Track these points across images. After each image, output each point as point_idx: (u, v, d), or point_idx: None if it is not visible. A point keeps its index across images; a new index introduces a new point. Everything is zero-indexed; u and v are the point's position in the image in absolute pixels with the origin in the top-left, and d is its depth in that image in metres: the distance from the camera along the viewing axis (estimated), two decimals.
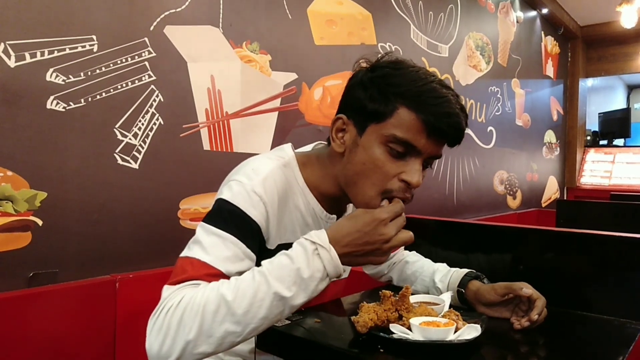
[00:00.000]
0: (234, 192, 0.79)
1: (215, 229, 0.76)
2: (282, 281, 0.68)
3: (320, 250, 0.69)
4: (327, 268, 0.69)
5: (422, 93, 0.74)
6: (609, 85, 7.73)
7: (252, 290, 0.67)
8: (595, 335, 0.93)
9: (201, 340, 0.66)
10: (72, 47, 1.37)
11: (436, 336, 0.74)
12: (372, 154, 0.76)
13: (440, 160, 3.17)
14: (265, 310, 0.67)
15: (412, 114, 0.74)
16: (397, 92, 0.75)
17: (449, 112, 0.75)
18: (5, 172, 1.24)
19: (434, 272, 1.07)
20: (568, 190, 5.62)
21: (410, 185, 0.77)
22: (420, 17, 2.93)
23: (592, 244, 1.10)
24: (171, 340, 0.66)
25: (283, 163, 0.86)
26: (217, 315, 0.66)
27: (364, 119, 0.78)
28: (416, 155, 0.77)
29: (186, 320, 0.66)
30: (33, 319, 1.21)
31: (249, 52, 1.88)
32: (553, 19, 4.91)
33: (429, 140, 0.76)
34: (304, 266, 0.68)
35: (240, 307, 0.66)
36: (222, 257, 0.74)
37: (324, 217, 0.90)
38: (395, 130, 0.75)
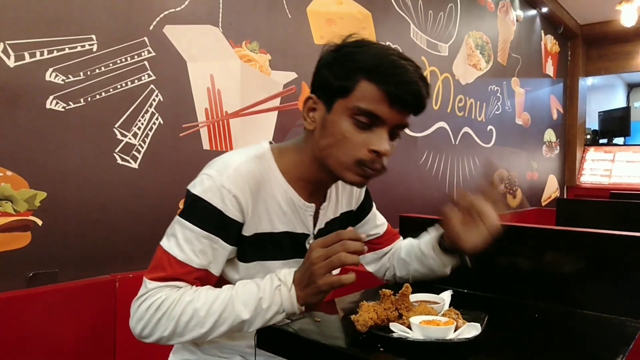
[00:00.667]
0: (205, 187, 0.83)
1: (189, 224, 0.82)
2: (245, 305, 0.79)
3: (282, 288, 0.79)
4: (284, 304, 0.79)
5: (380, 65, 0.79)
6: (608, 83, 7.72)
7: (220, 310, 0.79)
8: (595, 333, 0.93)
9: (173, 338, 0.80)
10: (72, 46, 1.37)
11: (436, 335, 0.74)
12: (340, 127, 0.82)
13: (440, 158, 3.17)
14: (226, 327, 0.79)
15: (373, 85, 0.79)
16: (358, 66, 0.80)
17: (407, 80, 0.79)
18: (5, 172, 1.24)
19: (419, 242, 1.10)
20: (568, 189, 5.63)
21: (379, 154, 0.82)
22: (420, 16, 2.93)
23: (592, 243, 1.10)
24: (149, 331, 0.80)
25: (257, 155, 0.89)
26: (189, 324, 0.78)
27: (331, 96, 0.83)
28: (381, 125, 0.82)
29: (163, 322, 0.78)
30: (33, 318, 1.21)
31: (248, 51, 1.88)
32: (553, 17, 4.91)
33: (391, 109, 0.80)
34: (266, 297, 0.79)
35: (207, 323, 0.78)
36: (196, 251, 0.82)
37: (302, 205, 0.93)
38: (358, 103, 0.80)
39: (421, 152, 3.00)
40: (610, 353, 0.78)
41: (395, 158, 2.75)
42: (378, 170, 0.84)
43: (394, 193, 2.77)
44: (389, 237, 1.20)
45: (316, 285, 0.76)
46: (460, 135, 3.42)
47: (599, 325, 0.95)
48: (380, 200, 2.56)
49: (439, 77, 3.13)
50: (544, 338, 0.85)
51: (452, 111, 3.29)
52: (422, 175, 3.02)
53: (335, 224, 1.04)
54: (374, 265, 1.19)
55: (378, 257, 1.18)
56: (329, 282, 0.76)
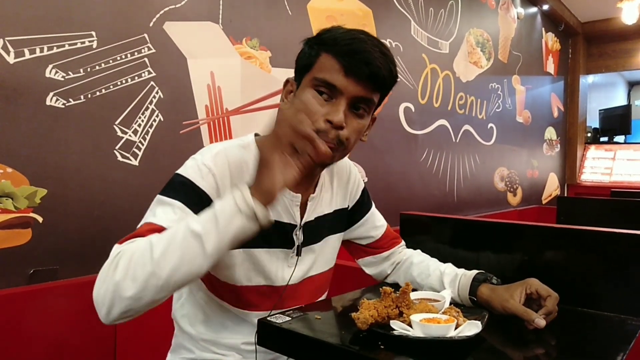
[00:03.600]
0: (186, 167, 0.86)
1: (166, 197, 0.82)
2: (198, 220, 0.72)
3: (235, 191, 0.73)
4: (237, 203, 0.71)
5: (338, 38, 0.83)
6: (609, 81, 7.71)
7: (171, 232, 0.72)
8: (596, 331, 0.92)
9: (127, 282, 0.69)
10: (72, 43, 1.36)
11: (437, 333, 0.74)
12: (302, 97, 0.84)
13: (441, 156, 3.17)
14: (178, 250, 0.69)
15: (330, 56, 0.83)
16: (320, 42, 0.85)
17: (362, 50, 0.81)
18: (5, 169, 1.24)
19: (441, 275, 1.04)
20: (568, 187, 5.62)
21: (333, 124, 0.81)
22: (421, 13, 2.92)
23: (593, 241, 1.09)
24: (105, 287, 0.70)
25: (241, 145, 0.92)
26: (142, 258, 0.69)
27: (300, 74, 0.88)
28: (339, 96, 0.83)
29: (119, 268, 0.70)
30: (33, 316, 1.21)
31: (249, 48, 1.87)
32: (554, 15, 4.89)
33: (347, 79, 0.82)
34: (217, 204, 0.73)
35: (159, 248, 0.70)
36: (169, 219, 0.79)
37: (287, 195, 0.93)
38: (317, 73, 0.84)
39: (422, 150, 3.00)
40: (611, 351, 0.78)
41: (396, 156, 2.76)
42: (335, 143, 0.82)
43: (394, 191, 2.77)
44: (389, 241, 1.17)
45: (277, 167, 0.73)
46: (461, 133, 3.42)
47: (600, 324, 0.95)
48: (381, 198, 2.58)
49: (440, 75, 3.12)
50: (544, 336, 0.85)
51: (452, 109, 3.29)
52: (422, 173, 3.02)
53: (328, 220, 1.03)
54: (373, 268, 1.17)
55: (377, 262, 1.16)
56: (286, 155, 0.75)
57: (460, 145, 3.40)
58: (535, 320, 0.84)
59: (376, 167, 2.60)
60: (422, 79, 2.94)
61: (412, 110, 2.87)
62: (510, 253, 1.20)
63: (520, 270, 1.16)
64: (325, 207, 1.02)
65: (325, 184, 1.03)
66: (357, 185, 1.12)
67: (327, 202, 1.03)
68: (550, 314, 0.87)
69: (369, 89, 0.84)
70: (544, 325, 0.84)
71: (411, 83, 2.83)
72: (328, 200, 1.03)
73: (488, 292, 0.94)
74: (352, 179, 1.10)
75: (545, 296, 0.89)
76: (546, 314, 0.86)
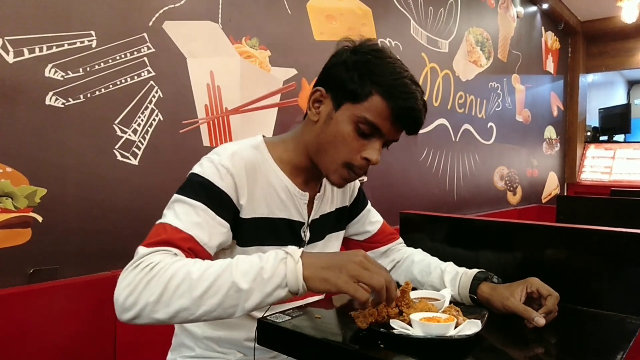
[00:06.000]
0: (203, 167, 0.87)
1: (187, 198, 0.83)
2: (244, 274, 0.71)
3: (289, 260, 0.73)
4: (288, 276, 0.71)
5: (395, 86, 0.85)
6: (609, 80, 7.71)
7: (215, 274, 0.71)
8: (595, 330, 0.93)
9: (159, 306, 0.70)
10: (71, 42, 1.36)
11: (437, 332, 0.74)
12: (343, 129, 0.87)
13: (440, 155, 3.17)
14: (219, 297, 0.70)
15: (384, 102, 0.85)
16: (374, 80, 0.86)
17: (414, 107, 0.86)
18: (5, 169, 1.24)
19: (442, 273, 1.05)
20: (568, 186, 5.62)
21: (369, 162, 0.89)
22: (420, 12, 2.92)
23: (592, 240, 1.10)
24: (135, 297, 0.71)
25: (252, 145, 0.94)
26: (179, 289, 0.70)
27: (342, 96, 0.88)
28: (379, 137, 0.88)
29: (152, 285, 0.71)
30: (33, 315, 1.21)
31: (248, 47, 1.87)
32: (553, 14, 4.89)
33: (392, 127, 0.88)
34: (268, 267, 0.72)
35: (199, 288, 0.70)
36: (193, 222, 0.81)
37: (297, 193, 0.96)
38: (366, 113, 0.86)
39: (421, 149, 3.00)
40: (611, 350, 0.78)
41: (396, 155, 2.76)
42: (360, 175, 0.91)
43: (394, 190, 2.77)
44: (386, 236, 1.19)
45: (339, 274, 0.71)
46: (461, 132, 3.42)
47: (599, 322, 0.95)
48: (381, 197, 2.58)
49: (439, 74, 3.12)
50: (544, 334, 0.85)
51: (452, 108, 3.29)
52: (422, 172, 3.02)
53: (331, 218, 1.06)
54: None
55: (376, 257, 1.18)
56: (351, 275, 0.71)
57: (460, 144, 3.40)
58: (535, 318, 0.84)
59: (376, 166, 2.59)
60: (422, 78, 2.94)
61: None
62: (510, 252, 1.20)
63: (519, 269, 1.17)
64: (328, 206, 1.05)
65: (327, 184, 1.05)
66: (354, 184, 1.15)
67: (329, 201, 1.06)
68: (550, 313, 0.87)
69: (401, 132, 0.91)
70: (543, 323, 0.84)
71: None
72: (330, 198, 1.06)
73: (489, 291, 0.95)
74: None
75: (546, 295, 0.89)
76: (546, 313, 0.86)
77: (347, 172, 0.90)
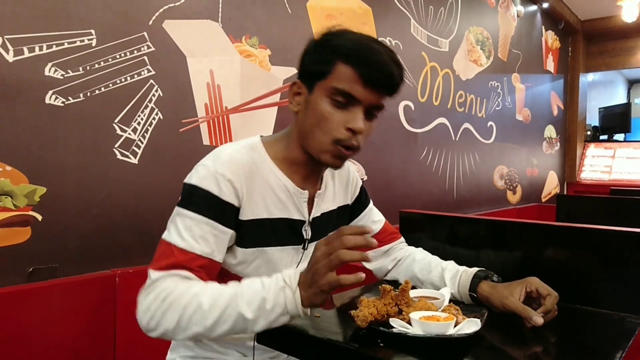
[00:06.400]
0: (200, 176, 0.86)
1: (188, 212, 0.84)
2: (249, 305, 0.77)
3: (287, 290, 0.76)
4: (288, 306, 0.76)
5: (356, 49, 0.85)
6: (609, 80, 7.71)
7: (224, 305, 0.77)
8: (595, 329, 0.93)
9: (177, 331, 0.79)
10: (71, 41, 1.36)
11: (436, 330, 0.74)
12: (320, 107, 0.87)
13: (440, 154, 3.17)
14: (229, 325, 0.77)
15: (348, 67, 0.85)
16: (335, 51, 0.86)
17: (379, 61, 0.85)
18: (4, 167, 1.24)
19: (442, 271, 1.06)
20: (568, 185, 5.62)
21: (354, 132, 0.86)
22: (421, 11, 2.92)
23: (592, 239, 1.10)
24: (155, 323, 0.79)
25: (248, 145, 0.94)
26: (193, 318, 0.77)
27: (312, 79, 0.89)
28: (357, 105, 0.86)
29: (169, 315, 0.78)
30: (33, 314, 1.21)
31: (248, 46, 1.87)
32: (553, 13, 4.89)
33: (365, 90, 0.85)
34: (270, 298, 0.76)
35: (210, 318, 0.77)
36: (196, 238, 0.83)
37: (296, 192, 0.95)
38: (335, 83, 0.85)
39: (421, 148, 3.00)
40: (610, 349, 0.78)
41: (396, 154, 2.76)
42: (353, 148, 0.88)
43: (394, 189, 2.77)
44: (388, 235, 1.19)
45: (318, 284, 0.74)
46: (461, 131, 3.42)
47: (599, 321, 0.95)
48: (381, 196, 2.58)
49: (440, 73, 3.12)
50: (543, 334, 0.85)
51: (452, 107, 3.28)
52: (422, 171, 3.02)
53: (333, 216, 1.05)
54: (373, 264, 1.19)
55: (377, 256, 1.17)
56: (327, 282, 0.73)
57: (459, 143, 3.40)
58: (533, 318, 0.84)
59: (376, 165, 2.60)
60: (422, 77, 2.94)
61: (412, 109, 2.87)
62: (510, 251, 1.20)
63: (519, 268, 1.17)
64: (330, 204, 1.05)
65: (328, 181, 1.05)
66: (356, 183, 1.15)
67: (331, 199, 1.05)
68: (549, 313, 0.87)
69: (382, 97, 0.88)
70: (541, 323, 0.84)
71: (411, 81, 2.83)
72: (331, 196, 1.06)
73: (488, 289, 0.95)
74: (352, 177, 1.13)
75: (545, 295, 0.89)
76: (545, 312, 0.87)
77: (337, 149, 0.88)
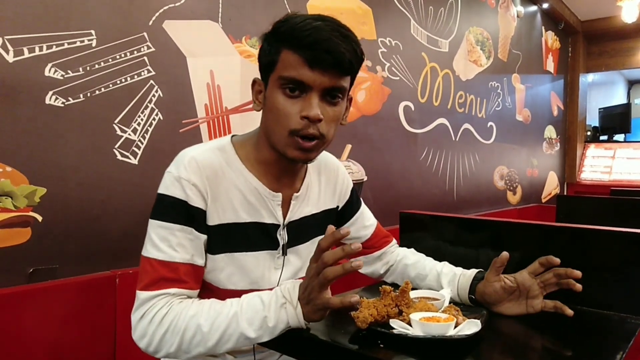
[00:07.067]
0: (166, 184, 0.85)
1: (160, 222, 0.83)
2: (251, 324, 0.76)
3: (288, 306, 0.76)
4: (290, 322, 0.76)
5: (294, 31, 0.80)
6: (609, 80, 7.71)
7: (224, 326, 0.76)
8: (595, 330, 0.93)
9: (180, 353, 0.78)
10: (71, 42, 1.36)
11: (436, 331, 0.74)
12: (274, 99, 0.83)
13: (440, 155, 3.17)
14: (232, 344, 0.77)
15: (291, 52, 0.80)
16: (278, 39, 0.82)
17: (320, 38, 0.78)
18: (5, 168, 1.24)
19: (438, 275, 1.04)
20: (568, 186, 5.62)
21: (309, 119, 0.80)
22: (421, 11, 2.92)
23: (592, 239, 1.10)
24: (155, 348, 0.79)
25: (217, 147, 0.90)
26: (194, 340, 0.77)
27: (265, 73, 0.86)
28: (309, 91, 0.81)
29: (168, 339, 0.77)
30: (33, 314, 1.21)
31: (248, 47, 1.87)
32: (553, 13, 4.89)
33: (313, 73, 0.79)
34: (272, 316, 0.76)
35: (212, 339, 0.76)
36: (173, 246, 0.82)
37: (267, 195, 0.91)
38: (282, 72, 0.81)
39: (421, 149, 3.00)
40: (610, 350, 0.78)
41: (396, 155, 2.76)
42: (314, 137, 0.82)
43: (394, 189, 2.77)
44: (379, 240, 1.15)
45: (314, 303, 0.74)
46: (461, 131, 3.42)
47: (599, 322, 0.95)
48: (380, 196, 2.58)
49: (440, 73, 3.12)
50: (543, 335, 0.85)
51: (452, 107, 3.28)
52: (422, 171, 3.02)
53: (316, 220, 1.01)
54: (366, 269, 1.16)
55: (369, 261, 1.15)
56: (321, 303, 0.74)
57: (459, 143, 3.40)
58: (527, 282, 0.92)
59: (376, 165, 2.60)
60: (422, 78, 2.94)
61: (412, 109, 2.87)
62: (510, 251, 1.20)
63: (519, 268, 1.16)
64: (312, 207, 1.00)
65: (312, 183, 1.00)
66: (346, 185, 1.10)
67: (314, 202, 1.00)
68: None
69: (337, 77, 0.81)
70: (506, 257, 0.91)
71: (411, 82, 2.83)
72: (315, 199, 1.01)
73: (482, 288, 0.95)
74: (341, 179, 1.08)
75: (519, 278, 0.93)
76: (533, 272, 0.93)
77: (296, 141, 0.82)
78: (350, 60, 0.81)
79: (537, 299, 0.92)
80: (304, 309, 0.76)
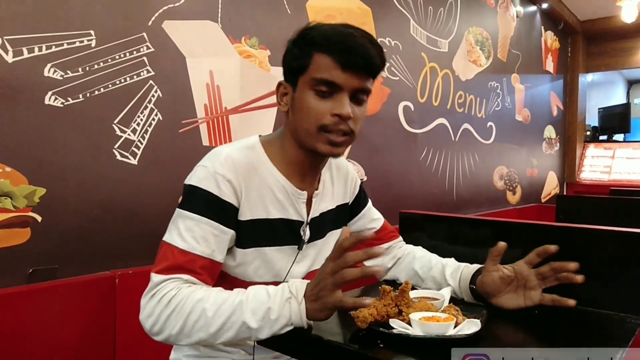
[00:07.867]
0: (199, 177, 0.87)
1: (188, 212, 0.85)
2: (254, 314, 0.77)
3: (292, 301, 0.77)
4: (292, 317, 0.77)
5: (329, 36, 0.86)
6: (608, 80, 7.72)
7: (228, 313, 0.77)
8: (595, 329, 0.93)
9: (181, 337, 0.79)
10: (70, 42, 1.36)
11: (436, 331, 0.74)
12: (305, 100, 0.88)
13: (440, 155, 3.17)
14: (233, 332, 0.77)
15: (324, 54, 0.86)
16: (310, 43, 0.88)
17: (354, 44, 0.85)
18: (4, 168, 1.24)
19: (443, 267, 1.07)
20: (568, 186, 5.63)
21: (341, 117, 0.86)
22: (420, 11, 2.92)
23: (592, 239, 1.10)
24: (159, 328, 0.79)
25: (247, 146, 0.94)
26: (197, 324, 0.78)
27: (294, 76, 0.90)
28: (340, 91, 0.87)
29: (172, 320, 0.78)
30: (32, 315, 1.21)
31: (248, 47, 1.87)
32: (553, 13, 4.89)
33: (345, 74, 0.86)
34: (275, 308, 0.77)
35: (214, 325, 0.77)
36: (197, 238, 0.84)
37: (294, 192, 0.96)
38: (315, 74, 0.86)
39: (421, 149, 3.00)
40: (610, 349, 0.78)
41: (395, 155, 2.76)
42: (344, 133, 0.88)
43: (393, 189, 2.77)
44: (387, 234, 1.20)
45: (323, 301, 0.75)
46: (460, 131, 3.42)
47: (599, 322, 0.95)
48: (380, 196, 2.58)
49: (439, 73, 3.12)
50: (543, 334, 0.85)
51: (451, 107, 3.29)
52: (422, 171, 3.02)
53: (331, 215, 1.06)
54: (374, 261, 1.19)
55: None
56: (332, 301, 0.74)
57: (459, 143, 3.40)
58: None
59: (375, 165, 2.60)
60: (422, 78, 2.94)
61: (412, 109, 2.87)
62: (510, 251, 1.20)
63: None
64: (328, 203, 1.05)
65: (326, 180, 1.05)
66: (354, 181, 1.15)
67: (329, 198, 1.05)
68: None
69: (365, 79, 0.88)
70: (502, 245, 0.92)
71: (410, 82, 2.83)
72: (330, 195, 1.06)
73: (481, 277, 0.96)
74: (350, 175, 1.14)
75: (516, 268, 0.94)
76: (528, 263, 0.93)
77: (327, 136, 0.88)
78: (379, 64, 0.88)
79: (534, 290, 0.92)
80: (309, 306, 0.76)
